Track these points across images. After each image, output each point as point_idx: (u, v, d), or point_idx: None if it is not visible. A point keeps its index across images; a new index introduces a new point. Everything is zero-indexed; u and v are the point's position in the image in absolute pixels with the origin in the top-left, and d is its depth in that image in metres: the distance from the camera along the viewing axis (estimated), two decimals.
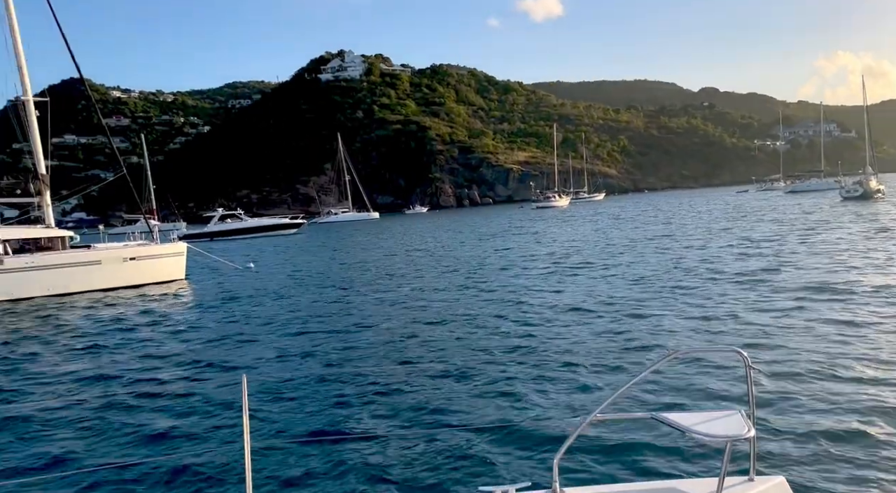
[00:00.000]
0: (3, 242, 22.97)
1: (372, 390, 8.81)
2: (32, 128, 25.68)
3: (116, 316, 18.21)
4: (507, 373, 9.27)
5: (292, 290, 21.35)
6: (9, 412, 9.03)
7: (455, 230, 55.71)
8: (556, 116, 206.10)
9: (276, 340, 13.08)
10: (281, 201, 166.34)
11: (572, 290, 17.07)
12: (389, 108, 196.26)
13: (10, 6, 25.08)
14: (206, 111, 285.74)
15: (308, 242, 53.66)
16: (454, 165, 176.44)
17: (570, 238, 36.87)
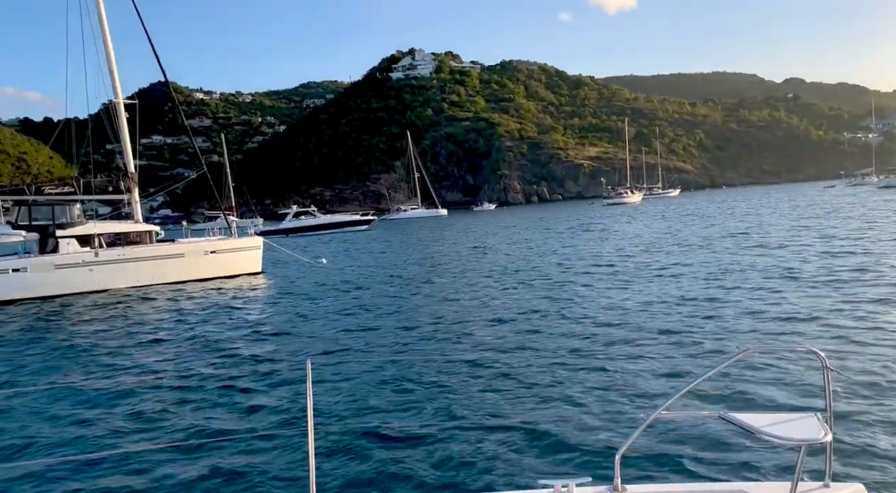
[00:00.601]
0: (97, 236, 24.54)
1: (432, 382, 8.91)
2: (122, 129, 27.29)
3: (197, 305, 19.17)
4: (571, 368, 9.17)
5: (360, 284, 21.81)
6: (97, 391, 9.69)
7: (522, 227, 55.36)
8: (628, 110, 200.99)
9: (343, 330, 13.42)
10: (352, 198, 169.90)
11: (640, 288, 16.66)
12: (459, 105, 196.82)
13: (102, 15, 26.72)
14: (282, 111, 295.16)
15: (377, 238, 54.63)
16: (523, 162, 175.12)
17: (640, 235, 35.95)
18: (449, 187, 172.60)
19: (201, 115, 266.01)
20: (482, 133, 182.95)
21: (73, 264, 23.37)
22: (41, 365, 12.28)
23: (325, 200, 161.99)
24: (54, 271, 23.01)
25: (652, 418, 3.22)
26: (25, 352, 13.65)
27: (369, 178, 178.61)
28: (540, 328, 12.19)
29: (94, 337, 14.81)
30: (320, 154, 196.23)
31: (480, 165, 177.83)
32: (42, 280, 22.72)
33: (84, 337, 14.96)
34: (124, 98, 27.67)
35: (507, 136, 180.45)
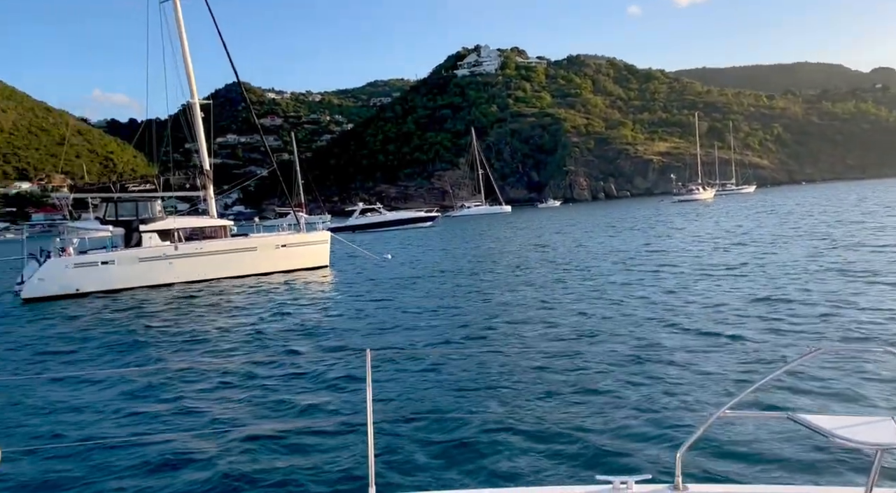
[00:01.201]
0: (177, 231, 25.81)
1: (490, 378, 8.93)
2: (198, 129, 28.57)
3: (266, 297, 19.91)
4: (633, 365, 9.03)
5: (423, 280, 22.07)
6: (168, 377, 10.24)
7: (587, 224, 54.51)
8: (701, 104, 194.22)
9: (403, 325, 13.65)
10: (417, 196, 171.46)
11: (708, 287, 16.16)
12: (524, 101, 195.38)
13: (179, 20, 28.02)
14: (349, 110, 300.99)
15: (441, 235, 55.02)
16: (589, 158, 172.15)
17: (712, 233, 34.76)
18: (513, 184, 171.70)
19: (273, 114, 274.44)
20: (548, 129, 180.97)
21: (155, 257, 24.66)
22: (122, 352, 13.06)
23: (390, 198, 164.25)
24: (138, 264, 24.35)
25: (716, 416, 3.15)
26: (109, 340, 14.56)
27: (433, 175, 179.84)
28: (602, 327, 12.02)
29: (172, 327, 15.63)
30: (386, 152, 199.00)
31: (545, 161, 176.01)
32: (127, 272, 24.08)
33: (163, 327, 15.82)
34: (200, 99, 28.97)
35: (573, 131, 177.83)
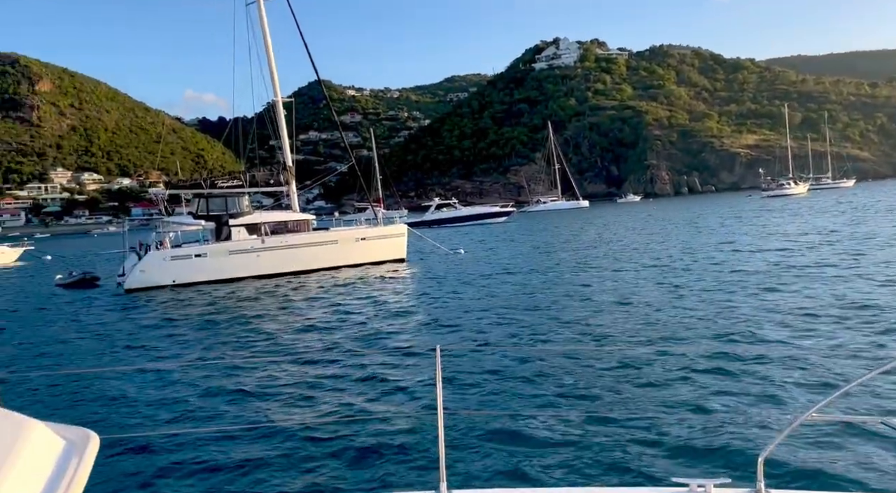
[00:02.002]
0: (263, 225, 26.92)
1: (565, 376, 8.82)
2: (281, 126, 29.69)
3: (345, 290, 20.51)
4: (716, 366, 8.73)
5: (495, 275, 22.08)
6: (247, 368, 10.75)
7: (669, 220, 52.80)
8: (794, 93, 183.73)
9: (474, 319, 13.71)
10: (492, 191, 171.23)
11: (800, 289, 15.34)
12: (604, 93, 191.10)
13: (263, 22, 29.14)
14: (427, 106, 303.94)
15: (516, 230, 54.79)
16: (672, 151, 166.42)
17: (805, 231, 32.93)
18: (591, 179, 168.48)
19: (353, 111, 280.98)
20: (628, 122, 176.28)
21: (244, 251, 25.85)
22: (209, 341, 13.82)
23: (465, 193, 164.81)
24: (228, 257, 25.60)
25: (802, 419, 3.04)
26: (201, 329, 15.44)
27: (509, 170, 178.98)
28: (681, 327, 11.65)
29: (256, 319, 16.40)
30: (461, 147, 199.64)
31: (625, 155, 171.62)
32: (218, 265, 25.35)
33: (249, 317, 16.61)
34: (283, 97, 30.05)
35: (655, 124, 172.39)
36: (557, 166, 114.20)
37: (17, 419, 1.58)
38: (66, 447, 1.55)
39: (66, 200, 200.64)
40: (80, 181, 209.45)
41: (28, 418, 1.60)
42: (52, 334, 15.72)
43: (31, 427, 1.54)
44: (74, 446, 1.56)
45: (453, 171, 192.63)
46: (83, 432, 1.65)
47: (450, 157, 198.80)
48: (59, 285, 28.02)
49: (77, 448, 1.55)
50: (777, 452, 5.65)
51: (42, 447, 1.49)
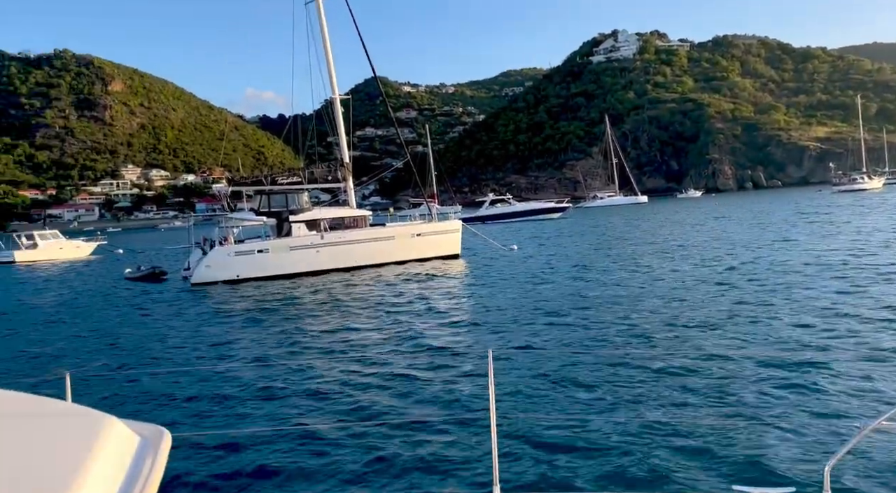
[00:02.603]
0: (322, 221, 27.45)
1: (620, 381, 8.63)
2: (339, 123, 30.19)
3: (400, 287, 20.73)
4: (780, 372, 8.45)
5: (547, 274, 21.88)
6: (302, 367, 10.98)
7: (731, 217, 51.03)
8: (869, 83, 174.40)
9: (527, 319, 13.61)
10: (547, 186, 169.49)
11: (872, 292, 14.62)
12: (664, 86, 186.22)
13: (322, 20, 29.66)
14: (482, 101, 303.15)
15: (571, 226, 54.10)
16: (736, 145, 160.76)
17: (878, 229, 31.30)
18: (650, 173, 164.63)
19: (408, 107, 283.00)
20: (689, 115, 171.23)
21: (304, 246, 26.41)
22: (269, 338, 14.21)
23: (520, 188, 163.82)
24: (289, 253, 26.21)
25: (870, 428, 2.93)
26: (262, 325, 15.91)
27: (565, 165, 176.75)
28: (744, 332, 11.25)
29: (314, 316, 16.78)
30: (516, 142, 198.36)
31: (686, 149, 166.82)
32: (280, 260, 26.01)
33: (308, 314, 17.02)
34: (341, 94, 30.53)
35: (717, 117, 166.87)
36: (615, 161, 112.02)
37: (96, 416, 1.60)
38: (142, 443, 1.57)
39: (135, 196, 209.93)
40: (149, 178, 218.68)
41: (105, 414, 1.62)
42: (121, 328, 16.46)
43: (110, 424, 1.56)
44: (149, 442, 1.58)
45: (508, 166, 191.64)
46: (157, 428, 1.67)
47: (504, 152, 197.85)
48: (128, 279, 29.33)
49: (152, 445, 1.56)
50: (844, 461, 5.46)
51: (120, 444, 1.50)
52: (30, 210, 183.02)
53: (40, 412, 1.67)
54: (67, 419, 1.61)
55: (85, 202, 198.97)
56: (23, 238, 50.67)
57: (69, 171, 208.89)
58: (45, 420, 1.60)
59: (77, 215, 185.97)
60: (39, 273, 38.73)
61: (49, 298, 25.29)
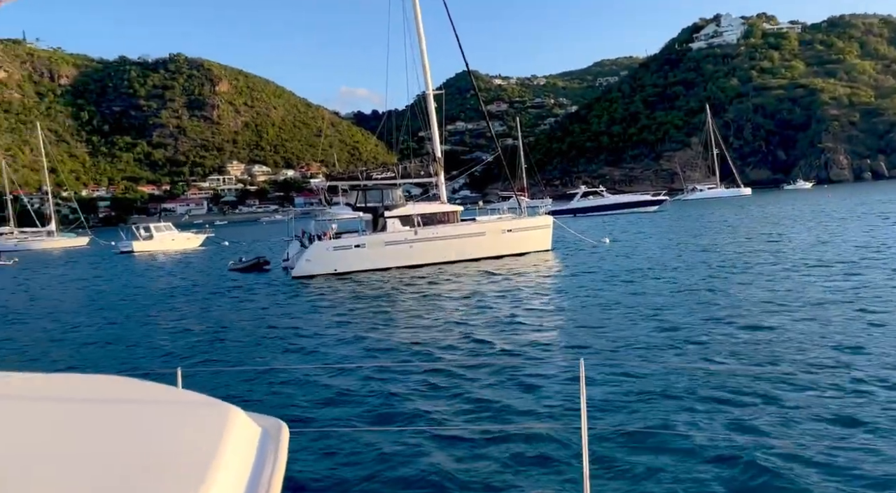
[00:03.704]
0: (416, 216, 27.90)
1: (717, 392, 8.14)
2: (431, 118, 30.52)
3: (493, 281, 20.76)
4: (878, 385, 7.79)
5: (641, 270, 21.15)
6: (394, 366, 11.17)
7: (849, 210, 47.28)
8: None
9: (619, 320, 13.14)
10: (643, 178, 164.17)
11: None
12: (771, 72, 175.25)
13: (418, 17, 30.03)
14: (574, 92, 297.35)
15: (667, 219, 52.12)
16: (853, 133, 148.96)
17: None
18: (754, 164, 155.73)
19: (499, 100, 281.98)
20: (799, 102, 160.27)
21: (398, 242, 26.95)
22: (364, 333, 14.60)
23: (613, 180, 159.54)
24: (384, 248, 26.83)
25: None
26: (358, 319, 16.40)
27: (662, 156, 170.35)
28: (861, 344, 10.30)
29: (409, 310, 17.11)
30: (610, 134, 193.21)
31: (795, 138, 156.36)
32: (375, 255, 26.68)
33: (402, 309, 17.37)
34: (434, 89, 30.83)
35: (832, 103, 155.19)
36: (716, 151, 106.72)
37: (222, 406, 1.63)
38: (263, 435, 1.58)
39: (239, 191, 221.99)
40: (252, 173, 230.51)
41: (231, 405, 1.64)
42: (226, 319, 17.39)
43: (236, 414, 1.59)
44: (269, 434, 1.59)
45: (601, 158, 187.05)
46: (276, 421, 1.69)
47: (597, 143, 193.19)
48: (231, 270, 31.05)
49: (272, 437, 1.58)
50: None
51: (245, 434, 1.52)
52: (147, 204, 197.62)
53: (172, 400, 1.72)
54: (197, 408, 1.65)
55: (195, 197, 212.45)
56: (140, 230, 54.96)
57: (181, 167, 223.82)
58: (177, 408, 1.65)
59: (188, 209, 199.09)
60: (154, 262, 41.80)
61: (160, 286, 27.24)
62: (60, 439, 1.44)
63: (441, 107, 31.11)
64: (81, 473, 1.23)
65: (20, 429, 1.46)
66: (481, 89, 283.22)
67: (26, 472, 1.22)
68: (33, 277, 37.25)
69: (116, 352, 13.83)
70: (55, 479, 1.20)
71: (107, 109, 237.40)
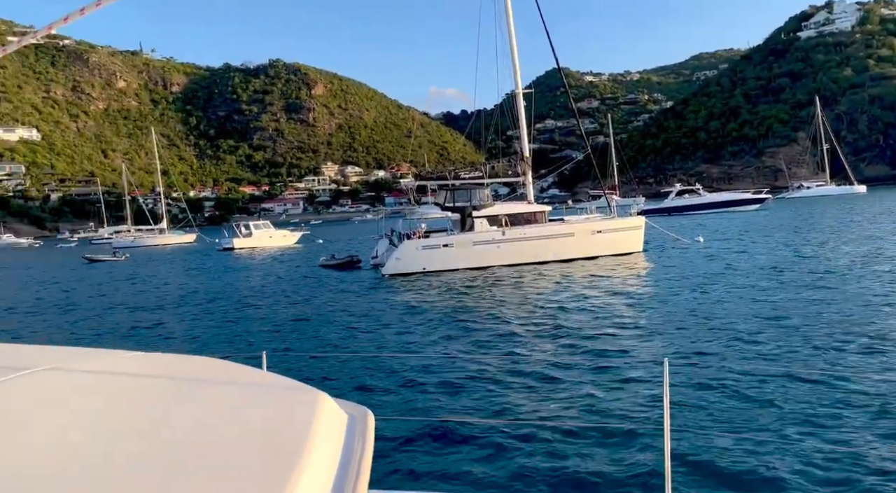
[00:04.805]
0: (504, 216, 27.87)
1: (812, 402, 7.74)
2: (520, 117, 30.37)
3: (581, 283, 20.42)
4: None
5: (737, 273, 20.09)
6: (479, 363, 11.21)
7: None
8: None
9: (708, 326, 12.56)
10: (743, 175, 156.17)
11: None
12: (890, 60, 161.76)
13: (509, 17, 29.96)
14: (670, 87, 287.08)
15: (769, 219, 49.21)
16: None
17: None
18: (870, 160, 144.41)
19: (590, 97, 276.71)
20: None
21: (486, 242, 27.01)
22: (452, 330, 14.77)
23: (711, 178, 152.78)
24: (472, 247, 26.98)
25: None
26: (446, 316, 16.61)
27: (764, 152, 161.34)
28: None
29: (497, 310, 17.14)
30: (708, 129, 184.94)
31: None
32: (463, 255, 26.88)
33: (488, 309, 17.44)
34: (523, 88, 30.67)
35: None
36: (826, 146, 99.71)
37: (311, 392, 1.67)
38: (350, 421, 1.61)
39: (333, 191, 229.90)
40: (345, 174, 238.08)
41: (319, 390, 1.69)
42: (315, 312, 18.12)
43: (324, 400, 1.62)
44: (356, 421, 1.62)
45: (698, 154, 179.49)
46: (361, 408, 1.71)
47: (694, 140, 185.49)
48: (322, 266, 32.19)
49: (359, 424, 1.60)
50: None
51: (334, 421, 1.55)
52: (248, 204, 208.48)
53: (262, 382, 1.78)
54: (286, 392, 1.69)
55: (291, 197, 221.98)
56: (241, 228, 58.13)
57: (279, 169, 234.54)
58: (266, 391, 1.70)
59: (285, 209, 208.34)
60: (251, 258, 44.06)
61: (255, 280, 28.72)
62: (158, 412, 1.50)
63: (530, 105, 30.88)
64: (178, 447, 1.27)
65: (124, 403, 1.55)
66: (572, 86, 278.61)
67: (127, 443, 1.29)
68: (142, 271, 40.23)
69: (208, 336, 15.04)
70: (154, 451, 1.26)
71: (212, 114, 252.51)
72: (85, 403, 1.51)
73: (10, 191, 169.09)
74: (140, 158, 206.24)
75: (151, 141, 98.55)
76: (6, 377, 1.57)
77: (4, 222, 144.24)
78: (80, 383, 1.65)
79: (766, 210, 62.68)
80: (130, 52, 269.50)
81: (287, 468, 1.19)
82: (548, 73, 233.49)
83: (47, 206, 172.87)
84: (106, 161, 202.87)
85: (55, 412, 1.44)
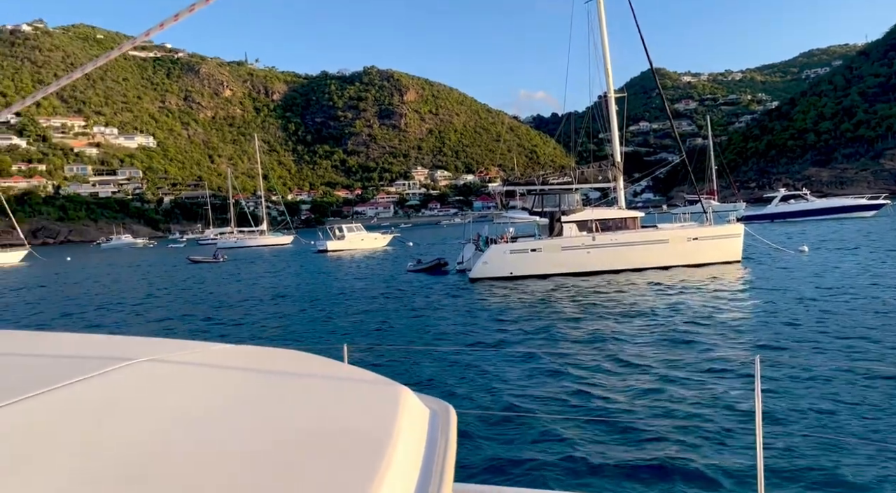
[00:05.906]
0: (594, 222, 27.36)
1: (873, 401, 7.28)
2: (612, 120, 29.71)
3: (675, 292, 19.72)
4: None
5: (845, 288, 18.66)
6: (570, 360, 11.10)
7: None
8: None
9: (808, 337, 11.96)
10: (858, 180, 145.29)
11: None
12: None
13: (602, 19, 29.44)
14: (776, 86, 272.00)
15: (887, 227, 45.48)
16: None
17: None
18: None
19: (687, 98, 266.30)
20: None
21: (575, 247, 26.60)
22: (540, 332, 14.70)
23: (821, 182, 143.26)
24: (561, 253, 26.65)
25: None
26: (534, 320, 16.56)
27: (883, 155, 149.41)
28: None
29: (584, 316, 16.90)
30: (818, 130, 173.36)
31: None
32: (551, 260, 26.61)
33: (577, 314, 17.22)
34: (615, 91, 30.00)
35: None
36: None
37: (394, 386, 1.68)
38: (433, 416, 1.60)
39: (422, 195, 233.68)
40: (434, 178, 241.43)
41: (401, 384, 1.70)
42: (400, 313, 18.50)
43: (407, 395, 1.62)
44: (438, 416, 1.61)
45: (806, 157, 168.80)
46: (443, 404, 1.71)
47: (802, 142, 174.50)
48: (409, 271, 32.72)
49: (441, 419, 1.59)
50: None
51: (417, 416, 1.55)
52: (342, 207, 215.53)
53: (345, 376, 1.81)
54: (369, 386, 1.71)
55: (383, 201, 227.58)
56: (335, 231, 60.19)
57: (371, 173, 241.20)
58: (349, 384, 1.72)
59: (377, 212, 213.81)
60: (344, 260, 45.53)
61: (346, 280, 29.65)
62: (247, 404, 1.52)
63: (623, 109, 30.16)
64: (262, 437, 1.29)
65: (215, 393, 1.59)
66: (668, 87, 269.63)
67: (210, 432, 1.31)
68: (240, 271, 42.48)
69: (295, 331, 15.92)
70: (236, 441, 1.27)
71: (310, 121, 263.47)
72: (182, 393, 1.56)
73: (129, 194, 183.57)
74: (243, 162, 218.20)
75: (254, 147, 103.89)
76: (112, 368, 1.64)
77: (123, 223, 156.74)
78: (176, 373, 1.72)
79: (884, 216, 57.96)
80: (237, 62, 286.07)
81: (373, 463, 1.19)
82: (642, 75, 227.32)
83: (161, 208, 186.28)
84: (212, 166, 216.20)
85: (157, 402, 1.48)
